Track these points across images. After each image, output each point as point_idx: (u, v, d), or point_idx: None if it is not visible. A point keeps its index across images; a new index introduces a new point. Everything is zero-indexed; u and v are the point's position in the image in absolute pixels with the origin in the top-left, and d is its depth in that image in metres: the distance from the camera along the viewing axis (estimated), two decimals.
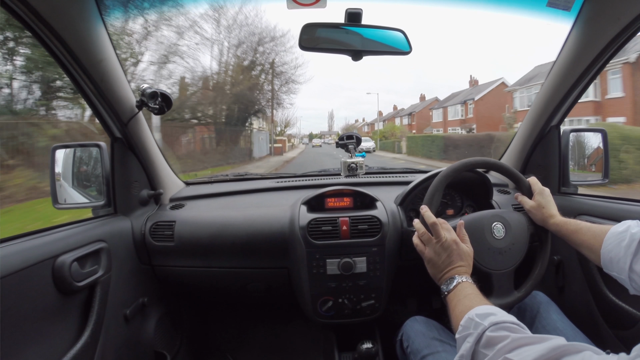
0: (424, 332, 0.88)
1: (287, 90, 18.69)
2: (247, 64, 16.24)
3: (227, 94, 15.42)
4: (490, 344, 0.52)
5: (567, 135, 1.16)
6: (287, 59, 17.57)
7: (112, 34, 0.92)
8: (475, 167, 0.98)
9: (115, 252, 0.97)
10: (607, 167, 1.16)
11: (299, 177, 1.48)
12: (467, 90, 27.19)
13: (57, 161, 1.01)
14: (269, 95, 17.82)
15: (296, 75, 18.58)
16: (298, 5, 0.86)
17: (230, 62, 15.81)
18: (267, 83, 17.65)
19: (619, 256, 0.67)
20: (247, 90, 16.06)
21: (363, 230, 1.04)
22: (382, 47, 0.91)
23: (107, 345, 0.90)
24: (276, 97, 18.15)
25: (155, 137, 1.18)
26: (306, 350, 1.51)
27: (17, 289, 0.68)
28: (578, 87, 1.05)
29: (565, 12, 0.91)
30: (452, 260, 0.75)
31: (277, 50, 16.93)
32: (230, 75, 16.06)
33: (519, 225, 0.90)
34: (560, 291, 1.14)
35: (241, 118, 16.12)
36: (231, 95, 15.36)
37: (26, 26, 0.75)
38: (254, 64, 16.64)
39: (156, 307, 1.19)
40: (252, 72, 16.84)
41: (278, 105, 18.70)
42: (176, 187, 1.34)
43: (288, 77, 18.14)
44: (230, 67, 15.88)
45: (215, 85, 15.34)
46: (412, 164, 11.39)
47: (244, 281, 1.18)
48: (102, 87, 0.92)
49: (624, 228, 0.68)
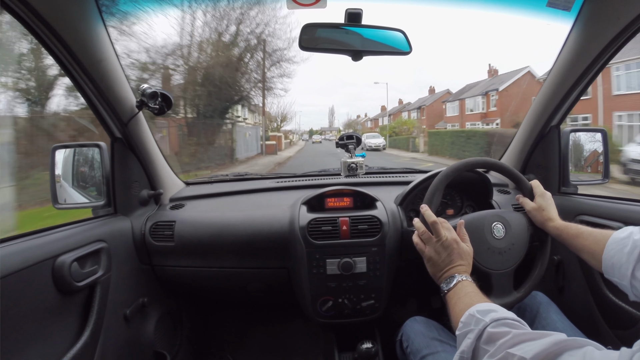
0: (424, 332, 0.88)
1: (281, 73, 14.40)
2: (227, 38, 12.16)
3: (200, 75, 11.50)
4: (491, 339, 0.52)
5: (567, 135, 1.16)
6: (279, 32, 14.09)
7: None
8: (476, 167, 0.98)
9: (115, 252, 0.97)
10: (607, 167, 1.16)
11: (299, 177, 1.48)
12: (487, 81, 23.70)
13: (57, 161, 1.01)
14: (257, 80, 13.63)
15: (290, 55, 14.07)
16: (298, 5, 0.86)
17: (204, 35, 11.84)
18: (255, 64, 13.51)
19: (621, 262, 0.66)
20: (227, 71, 11.96)
21: (363, 230, 1.04)
22: (382, 48, 0.91)
23: (107, 345, 0.90)
24: (266, 80, 13.95)
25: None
26: (306, 351, 1.51)
27: (17, 289, 0.68)
28: (578, 87, 1.05)
29: (565, 12, 0.91)
30: (452, 259, 0.75)
31: (265, 20, 12.83)
32: (206, 51, 11.79)
33: (519, 226, 0.90)
34: (560, 291, 1.14)
35: (219, 108, 12.17)
36: (205, 78, 11.42)
37: (26, 26, 0.75)
38: (235, 38, 12.36)
39: (156, 307, 1.19)
40: (234, 49, 12.46)
41: (268, 92, 14.65)
42: (176, 187, 1.34)
43: (280, 56, 13.91)
44: (206, 40, 11.81)
45: (184, 65, 11.28)
46: (442, 167, 9.19)
47: (244, 281, 1.18)
48: (102, 87, 0.92)
49: (626, 234, 0.68)
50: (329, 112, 69.29)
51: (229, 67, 12.25)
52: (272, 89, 14.87)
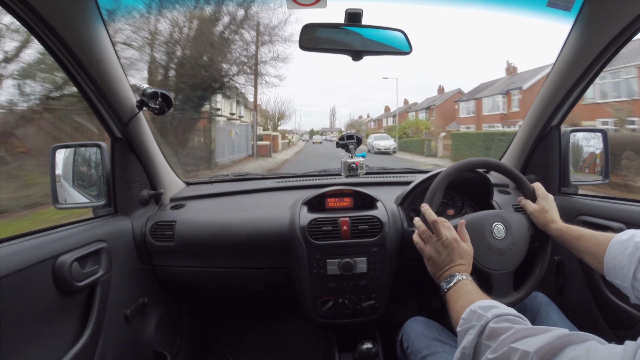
0: (424, 333, 0.88)
1: (275, 57, 11.37)
2: (203, 10, 8.98)
3: (165, 52, 8.59)
4: (493, 335, 0.52)
5: (567, 135, 1.16)
6: (271, 2, 10.25)
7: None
8: (477, 167, 0.98)
9: (115, 252, 0.97)
10: (608, 167, 1.16)
11: (299, 177, 1.48)
12: (505, 79, 21.86)
13: (57, 161, 1.01)
14: (243, 62, 10.41)
15: (286, 34, 11.22)
16: (298, 5, 0.86)
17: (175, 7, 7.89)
18: (242, 42, 10.32)
19: (623, 264, 0.66)
20: (201, 48, 9.08)
21: (363, 230, 1.04)
22: (383, 48, 0.91)
23: (107, 345, 0.90)
24: (252, 65, 10.82)
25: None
26: (306, 351, 1.51)
27: (17, 289, 0.68)
28: (578, 87, 1.05)
29: (565, 12, 0.91)
30: (453, 259, 0.75)
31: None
32: (172, 21, 8.65)
33: (520, 226, 0.90)
34: (561, 292, 1.13)
35: (194, 99, 9.34)
36: (170, 57, 8.67)
37: (26, 26, 0.75)
38: (217, 10, 9.42)
39: (156, 307, 1.19)
40: (212, 20, 9.47)
41: (260, 80, 11.61)
42: (176, 187, 1.34)
43: (271, 33, 10.91)
44: (176, 12, 8.78)
45: (148, 42, 8.11)
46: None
47: (244, 281, 1.18)
48: (103, 87, 0.92)
49: (628, 236, 0.68)
50: (330, 112, 67.90)
51: (203, 42, 9.07)
52: (263, 75, 11.83)
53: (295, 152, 20.11)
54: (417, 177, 1.15)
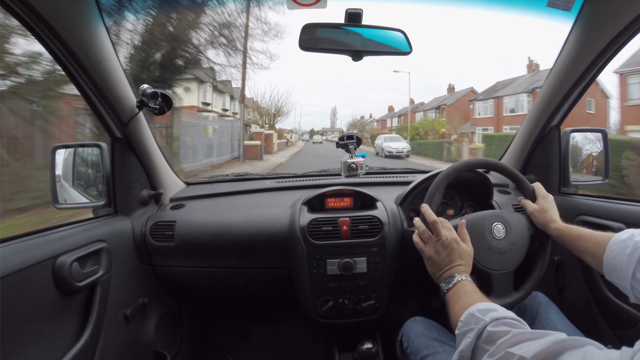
0: (424, 333, 0.88)
1: (265, 31, 8.55)
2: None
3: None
4: (491, 339, 0.52)
5: (567, 135, 1.16)
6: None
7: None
8: (477, 167, 0.98)
9: (115, 252, 0.97)
10: (608, 167, 1.16)
11: (299, 177, 1.48)
12: (527, 77, 19.32)
13: (57, 161, 1.01)
14: (219, 34, 7.44)
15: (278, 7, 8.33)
16: (298, 5, 0.86)
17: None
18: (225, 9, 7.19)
19: (622, 263, 0.66)
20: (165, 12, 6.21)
21: (363, 230, 1.04)
22: (383, 48, 0.91)
23: (107, 345, 0.90)
24: (236, 44, 7.84)
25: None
26: (306, 351, 1.51)
27: (17, 289, 0.68)
28: (578, 87, 1.05)
29: (565, 12, 0.91)
30: (452, 259, 0.75)
31: None
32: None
33: (520, 226, 0.90)
34: (560, 292, 1.14)
35: (147, 80, 5.97)
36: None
37: (26, 26, 0.75)
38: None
39: (156, 307, 1.19)
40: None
41: (238, 55, 8.46)
42: (176, 187, 1.34)
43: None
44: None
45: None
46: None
47: (244, 281, 1.18)
48: (103, 87, 0.93)
49: (627, 236, 0.68)
50: (331, 112, 67.23)
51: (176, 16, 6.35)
52: (252, 55, 8.30)
53: (293, 153, 17.50)
54: (417, 177, 1.15)
